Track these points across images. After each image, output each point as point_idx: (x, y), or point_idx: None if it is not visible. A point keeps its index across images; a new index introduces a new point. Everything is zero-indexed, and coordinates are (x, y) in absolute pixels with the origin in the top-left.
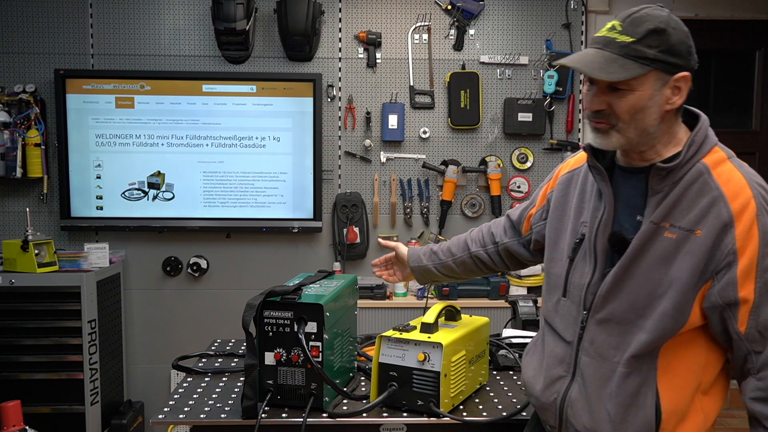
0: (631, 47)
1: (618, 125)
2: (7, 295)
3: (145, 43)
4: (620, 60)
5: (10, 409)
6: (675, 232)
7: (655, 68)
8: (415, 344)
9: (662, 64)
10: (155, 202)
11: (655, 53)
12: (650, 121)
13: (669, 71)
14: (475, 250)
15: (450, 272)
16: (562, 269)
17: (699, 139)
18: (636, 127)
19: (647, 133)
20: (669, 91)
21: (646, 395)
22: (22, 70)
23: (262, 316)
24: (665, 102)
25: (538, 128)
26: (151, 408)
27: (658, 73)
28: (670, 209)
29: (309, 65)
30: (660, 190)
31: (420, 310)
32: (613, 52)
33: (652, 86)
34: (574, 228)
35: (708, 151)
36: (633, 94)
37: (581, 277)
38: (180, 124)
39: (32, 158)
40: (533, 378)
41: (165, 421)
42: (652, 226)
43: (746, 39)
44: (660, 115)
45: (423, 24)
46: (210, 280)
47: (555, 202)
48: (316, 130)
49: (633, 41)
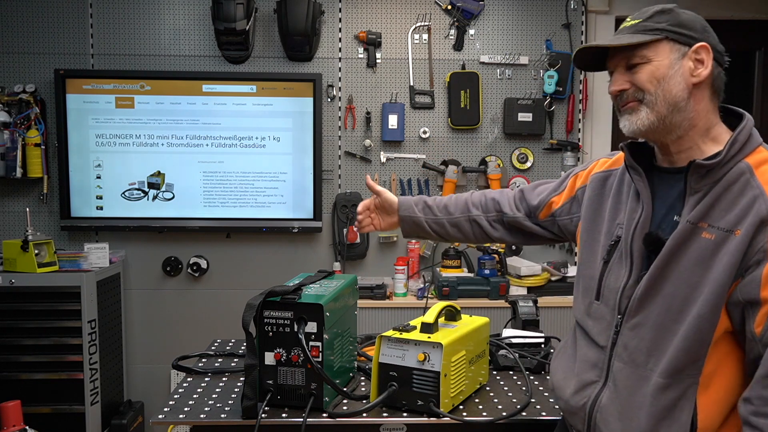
0: (640, 24)
1: (645, 98)
2: (7, 295)
3: (145, 43)
4: (630, 35)
5: (10, 409)
6: (713, 232)
7: (666, 37)
8: (415, 344)
9: (673, 33)
10: (155, 202)
11: (664, 25)
12: (677, 93)
13: (684, 42)
14: (476, 214)
15: (441, 231)
16: (595, 271)
17: (742, 138)
18: (664, 99)
19: (678, 109)
20: (690, 63)
21: (683, 409)
22: (22, 70)
23: (262, 316)
24: (689, 74)
25: (538, 128)
26: (151, 408)
27: (672, 44)
28: (708, 209)
29: (309, 65)
30: (699, 189)
31: (420, 310)
32: (624, 33)
33: (668, 56)
34: (609, 229)
35: (751, 151)
36: (650, 64)
37: (616, 280)
38: (180, 124)
39: (32, 158)
40: (563, 381)
41: (165, 421)
42: (689, 226)
43: (746, 39)
44: (687, 88)
45: (423, 24)
46: (210, 280)
47: (588, 200)
48: (316, 130)
49: (641, 21)
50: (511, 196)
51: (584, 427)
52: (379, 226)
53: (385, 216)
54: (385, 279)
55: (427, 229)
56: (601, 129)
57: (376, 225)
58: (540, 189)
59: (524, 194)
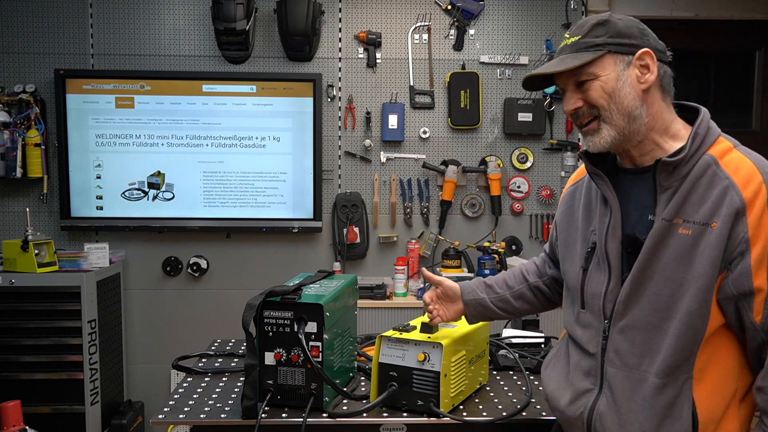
0: (580, 42)
1: (602, 115)
2: (7, 295)
3: (145, 43)
4: (572, 55)
5: (10, 409)
6: (689, 227)
7: (608, 51)
8: (415, 344)
9: (614, 46)
10: (155, 202)
11: (603, 39)
12: (630, 102)
13: (626, 52)
14: (534, 281)
15: (507, 306)
16: (576, 280)
17: (702, 131)
18: (619, 111)
19: (633, 117)
20: (636, 70)
21: (683, 406)
22: (22, 70)
23: (262, 316)
24: (637, 81)
25: (538, 128)
26: (151, 408)
27: (614, 56)
28: (681, 205)
29: (309, 65)
30: (669, 186)
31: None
32: (566, 53)
33: (614, 68)
34: (584, 237)
35: (713, 143)
36: (598, 80)
37: (597, 286)
38: (180, 124)
39: (32, 158)
40: (557, 391)
41: (165, 421)
42: (664, 223)
43: (746, 39)
44: (638, 95)
45: (423, 24)
46: (210, 280)
47: (561, 216)
48: (316, 130)
49: (580, 37)
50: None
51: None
52: (446, 316)
53: (448, 305)
54: (385, 279)
55: (493, 309)
56: None
57: (443, 316)
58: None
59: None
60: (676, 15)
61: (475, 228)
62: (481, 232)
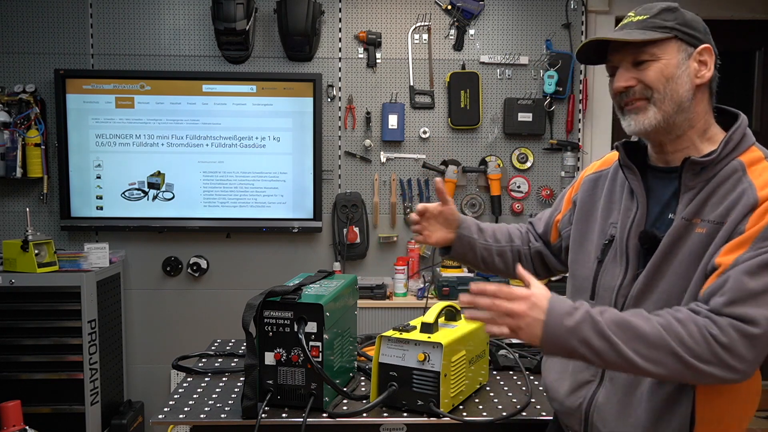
0: (648, 20)
1: (653, 97)
2: (7, 295)
3: (145, 43)
4: (639, 31)
5: (10, 409)
6: (705, 226)
7: (675, 36)
8: (415, 344)
9: (682, 33)
10: (155, 202)
11: (673, 23)
12: (683, 93)
13: (691, 43)
14: (517, 245)
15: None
16: (589, 271)
17: (737, 137)
18: (672, 99)
19: (683, 108)
20: (695, 63)
21: (682, 402)
22: (22, 70)
23: (262, 316)
24: (694, 75)
25: (538, 128)
26: (151, 408)
27: (680, 43)
28: (701, 205)
29: (309, 65)
30: (693, 186)
31: (420, 310)
32: (632, 28)
33: (676, 55)
34: (602, 229)
35: (745, 150)
36: (659, 62)
37: (612, 279)
38: (180, 124)
39: (32, 158)
40: (556, 382)
41: (165, 421)
42: (683, 222)
43: (746, 39)
44: (691, 89)
45: (423, 24)
46: (210, 280)
47: (581, 202)
48: (316, 130)
49: (648, 17)
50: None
51: (581, 428)
52: (429, 239)
53: (439, 228)
54: (385, 279)
55: (477, 253)
56: (601, 129)
57: (426, 237)
58: (541, 216)
59: (533, 225)
60: None
61: None
62: None
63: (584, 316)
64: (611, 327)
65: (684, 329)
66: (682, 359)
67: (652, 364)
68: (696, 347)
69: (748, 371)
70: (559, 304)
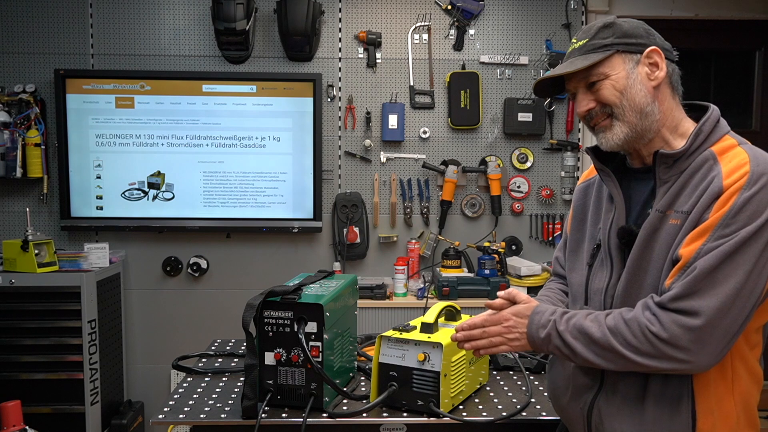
0: (587, 44)
1: (614, 112)
2: (7, 295)
3: (145, 43)
4: (582, 57)
5: (10, 409)
6: (678, 217)
7: (617, 50)
8: (415, 344)
9: (622, 45)
10: (155, 202)
11: (611, 39)
12: (641, 99)
13: (634, 50)
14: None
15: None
16: (582, 277)
17: (707, 129)
18: (632, 108)
19: (645, 114)
20: (645, 68)
21: (681, 399)
22: (22, 70)
23: (262, 316)
24: (647, 78)
25: (538, 128)
26: (151, 408)
27: (623, 55)
28: (675, 197)
29: (309, 65)
30: (667, 179)
31: (420, 310)
32: (575, 56)
33: (623, 67)
34: (592, 235)
35: (717, 140)
36: (609, 79)
37: (600, 282)
38: (180, 124)
39: (32, 158)
40: (558, 390)
41: (165, 421)
42: (657, 214)
43: (746, 39)
44: (649, 92)
45: (423, 24)
46: (210, 280)
47: (574, 212)
48: (316, 130)
49: (587, 40)
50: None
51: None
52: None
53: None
54: (385, 279)
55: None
56: None
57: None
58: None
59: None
60: (676, 15)
61: (475, 228)
62: (481, 232)
63: (551, 329)
64: (573, 334)
65: (628, 329)
66: (628, 358)
67: (608, 362)
68: (640, 346)
69: (702, 360)
70: (537, 317)
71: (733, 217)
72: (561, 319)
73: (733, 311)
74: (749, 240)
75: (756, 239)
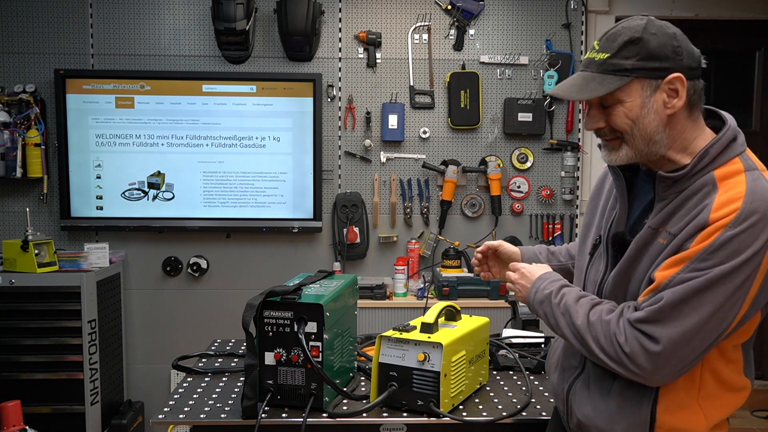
0: (608, 63)
1: (624, 137)
2: (7, 295)
3: (145, 43)
4: (599, 77)
5: (10, 409)
6: (666, 237)
7: (636, 77)
8: (415, 344)
9: (643, 71)
10: (155, 202)
11: (633, 63)
12: (653, 129)
13: (655, 76)
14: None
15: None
16: (583, 264)
17: (714, 151)
18: (641, 137)
19: (654, 141)
20: (663, 95)
21: (644, 396)
22: (22, 70)
23: (262, 316)
24: (663, 107)
25: (538, 128)
26: (151, 408)
27: (642, 81)
28: (668, 217)
29: (309, 65)
30: (665, 197)
31: (420, 310)
32: (593, 71)
33: (640, 95)
34: (599, 225)
35: (724, 163)
36: (622, 106)
37: (596, 274)
38: (180, 124)
39: (32, 158)
40: (553, 366)
41: (165, 421)
42: (649, 231)
43: (746, 39)
44: (662, 121)
45: (423, 24)
46: (210, 280)
47: (592, 193)
48: (316, 130)
49: (609, 56)
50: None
51: (564, 409)
52: (498, 274)
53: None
54: (385, 279)
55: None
56: None
57: (494, 273)
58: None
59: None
60: (676, 15)
61: (475, 228)
62: (481, 232)
63: (546, 297)
64: (561, 309)
65: (602, 330)
66: (594, 353)
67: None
68: (606, 347)
69: (657, 379)
70: (540, 282)
71: (712, 252)
72: (558, 292)
73: (693, 343)
74: (722, 279)
75: (730, 279)
